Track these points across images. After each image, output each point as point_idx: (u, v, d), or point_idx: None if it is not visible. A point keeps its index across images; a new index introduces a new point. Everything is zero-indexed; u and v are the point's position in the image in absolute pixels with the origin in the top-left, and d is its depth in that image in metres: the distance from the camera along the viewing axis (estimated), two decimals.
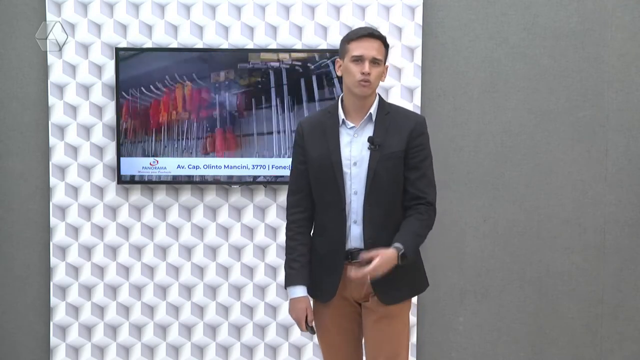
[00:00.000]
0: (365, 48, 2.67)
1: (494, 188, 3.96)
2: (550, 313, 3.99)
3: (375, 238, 2.69)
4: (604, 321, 3.99)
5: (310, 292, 2.80)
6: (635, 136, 3.95)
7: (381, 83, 2.79)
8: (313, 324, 2.80)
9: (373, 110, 2.74)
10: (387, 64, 2.76)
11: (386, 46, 2.73)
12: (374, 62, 2.68)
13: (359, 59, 2.67)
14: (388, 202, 2.72)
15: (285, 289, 2.82)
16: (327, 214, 2.75)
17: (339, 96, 2.82)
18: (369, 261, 2.57)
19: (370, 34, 2.69)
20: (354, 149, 2.72)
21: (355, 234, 2.72)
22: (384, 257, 2.57)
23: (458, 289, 3.97)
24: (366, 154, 2.70)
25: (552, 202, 3.96)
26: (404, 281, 2.73)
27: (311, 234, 2.84)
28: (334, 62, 2.85)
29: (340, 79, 3.82)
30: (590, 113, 3.94)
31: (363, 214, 2.70)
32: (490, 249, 3.98)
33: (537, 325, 3.99)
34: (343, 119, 2.75)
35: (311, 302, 2.83)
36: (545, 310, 3.99)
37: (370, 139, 2.69)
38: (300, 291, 2.77)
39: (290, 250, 2.81)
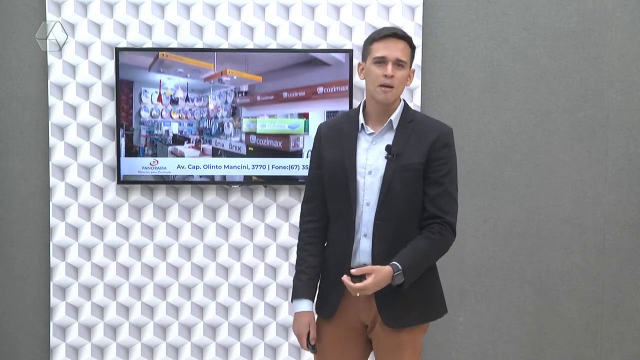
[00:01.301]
0: (389, 49, 2.49)
1: (494, 188, 3.96)
2: (550, 313, 3.99)
3: (384, 255, 2.51)
4: (604, 321, 3.99)
5: (315, 305, 2.65)
6: (635, 136, 3.95)
7: None
8: (314, 342, 2.63)
9: (395, 117, 2.56)
10: (412, 67, 2.59)
11: (412, 47, 2.55)
12: (398, 64, 2.50)
13: (381, 61, 2.50)
14: (401, 217, 2.53)
15: (291, 302, 2.66)
16: (337, 223, 2.59)
17: (361, 100, 2.65)
18: (362, 276, 2.42)
19: (395, 33, 2.51)
20: (370, 157, 2.55)
21: (364, 248, 2.55)
22: (377, 277, 2.41)
23: (458, 289, 3.97)
24: (382, 163, 2.52)
25: (552, 202, 3.96)
26: (414, 304, 2.56)
27: (324, 244, 2.67)
28: None
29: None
30: (590, 113, 3.94)
31: (373, 228, 2.52)
32: (490, 249, 3.98)
33: (537, 325, 3.99)
34: (362, 124, 2.58)
35: (315, 318, 2.66)
36: (545, 310, 3.99)
37: (387, 147, 2.51)
38: (304, 305, 2.60)
39: (299, 261, 2.65)
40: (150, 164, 3.82)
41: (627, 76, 3.93)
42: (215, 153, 3.84)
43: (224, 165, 3.83)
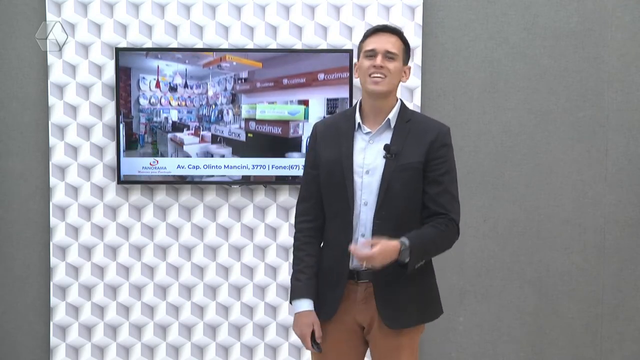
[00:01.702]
0: (378, 42, 2.50)
1: (494, 188, 3.96)
2: (550, 313, 3.99)
3: None
4: (604, 321, 3.99)
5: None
6: (635, 136, 3.95)
7: None
8: (320, 340, 2.58)
9: (392, 116, 2.54)
10: (409, 64, 2.58)
11: (405, 43, 2.54)
12: (389, 56, 2.49)
13: (371, 54, 2.49)
14: (400, 216, 2.51)
15: (291, 303, 2.63)
16: (334, 224, 2.57)
17: (358, 99, 2.64)
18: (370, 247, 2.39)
19: (384, 27, 2.53)
20: (368, 156, 2.53)
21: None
22: (383, 247, 2.36)
23: (458, 289, 3.97)
24: (381, 162, 2.51)
25: (552, 202, 3.96)
26: (413, 303, 2.56)
27: (321, 244, 2.65)
28: None
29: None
30: (590, 113, 3.94)
31: (372, 227, 2.50)
32: (490, 249, 3.97)
33: (537, 325, 3.99)
34: (359, 123, 2.56)
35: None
36: (545, 310, 3.99)
37: (386, 147, 2.49)
38: (305, 305, 2.57)
39: (297, 261, 2.62)
40: (150, 164, 3.82)
41: (627, 76, 3.93)
42: (215, 140, 3.82)
43: (224, 165, 3.83)
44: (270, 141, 3.83)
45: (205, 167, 3.83)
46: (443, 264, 3.93)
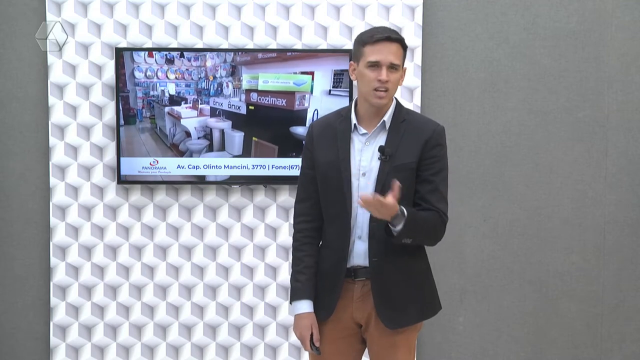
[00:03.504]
0: (382, 53, 2.45)
1: (494, 188, 3.96)
2: (550, 313, 3.99)
3: (381, 256, 2.50)
4: (604, 321, 3.99)
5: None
6: (635, 136, 3.95)
7: None
8: (319, 343, 2.59)
9: (387, 117, 2.53)
10: (404, 66, 2.55)
11: (405, 48, 2.52)
12: (392, 67, 2.47)
13: (375, 65, 2.47)
14: None
15: (290, 303, 2.64)
16: (332, 226, 2.57)
17: (354, 99, 2.64)
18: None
19: (388, 37, 2.46)
20: (364, 158, 2.53)
21: (359, 251, 2.54)
22: (387, 201, 2.32)
23: (458, 289, 3.97)
24: (376, 164, 2.51)
25: (552, 202, 3.96)
26: (411, 304, 2.56)
27: (320, 244, 2.65)
28: None
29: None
30: (590, 113, 3.94)
31: (369, 229, 2.51)
32: (490, 249, 3.98)
33: (537, 325, 3.99)
34: (355, 124, 2.56)
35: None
36: (545, 310, 3.99)
37: (380, 148, 2.49)
38: (305, 306, 2.58)
39: (296, 261, 2.62)
40: (150, 164, 3.82)
41: (627, 76, 3.93)
42: (214, 113, 3.76)
43: (224, 165, 3.83)
44: (272, 114, 3.70)
45: (205, 167, 3.83)
46: (443, 264, 3.94)
